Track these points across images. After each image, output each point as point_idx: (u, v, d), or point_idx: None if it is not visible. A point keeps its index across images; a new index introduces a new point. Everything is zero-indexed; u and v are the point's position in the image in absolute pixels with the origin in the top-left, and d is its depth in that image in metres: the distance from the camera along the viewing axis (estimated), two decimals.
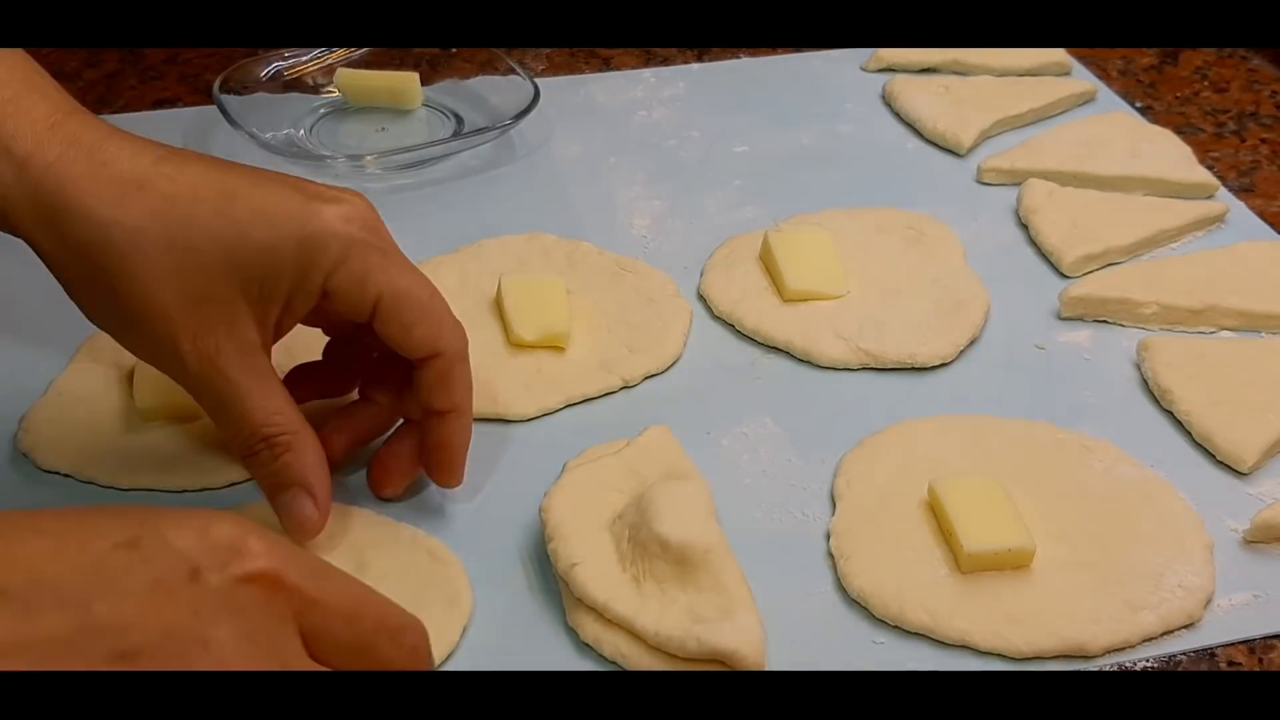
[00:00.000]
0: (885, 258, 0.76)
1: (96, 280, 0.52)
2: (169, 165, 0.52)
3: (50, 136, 0.51)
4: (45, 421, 0.63)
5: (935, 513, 0.59)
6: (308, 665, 0.40)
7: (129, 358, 0.59)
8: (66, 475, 0.61)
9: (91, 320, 0.54)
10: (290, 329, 0.56)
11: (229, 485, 0.61)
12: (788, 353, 0.70)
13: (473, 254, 0.76)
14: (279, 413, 0.54)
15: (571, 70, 0.97)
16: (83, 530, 0.39)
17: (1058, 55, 0.96)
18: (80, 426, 0.63)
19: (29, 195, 0.51)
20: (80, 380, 0.66)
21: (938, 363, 0.69)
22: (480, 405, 0.61)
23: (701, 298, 0.74)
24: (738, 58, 0.99)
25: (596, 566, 0.55)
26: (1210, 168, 0.85)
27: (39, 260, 0.53)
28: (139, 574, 0.38)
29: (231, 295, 0.52)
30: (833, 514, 0.60)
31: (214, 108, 0.84)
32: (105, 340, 0.56)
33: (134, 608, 0.37)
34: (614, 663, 0.53)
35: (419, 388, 0.56)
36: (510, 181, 0.84)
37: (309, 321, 0.57)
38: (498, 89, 0.89)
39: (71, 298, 0.54)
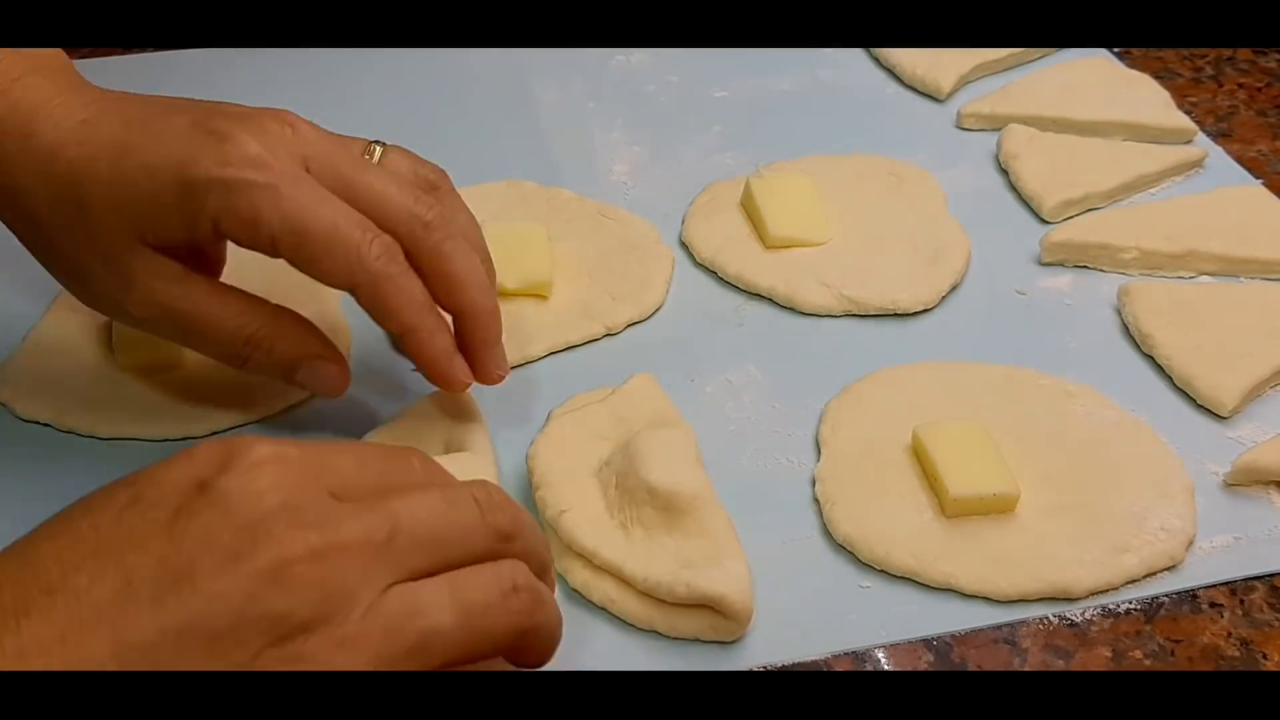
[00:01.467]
0: (867, 204, 0.76)
1: (37, 247, 0.56)
2: (88, 128, 0.54)
3: None
4: (23, 371, 0.63)
5: (919, 458, 0.60)
6: (342, 509, 0.40)
7: None
8: (46, 425, 0.61)
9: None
10: (220, 259, 0.59)
11: (211, 434, 0.61)
12: (770, 299, 0.70)
13: None
14: (242, 314, 0.55)
15: None
16: (83, 521, 0.39)
17: None
18: (59, 376, 0.63)
19: None
20: (58, 329, 0.65)
21: (920, 309, 0.69)
22: None
23: (683, 245, 0.74)
24: None
25: (584, 513, 0.55)
26: (1188, 112, 0.85)
27: None
28: (154, 515, 0.38)
29: (135, 245, 0.53)
30: (817, 460, 0.61)
31: None
32: None
33: (164, 541, 0.38)
34: (602, 608, 0.54)
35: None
36: (486, 128, 0.84)
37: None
38: None
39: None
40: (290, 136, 0.54)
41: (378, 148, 0.58)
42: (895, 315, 0.69)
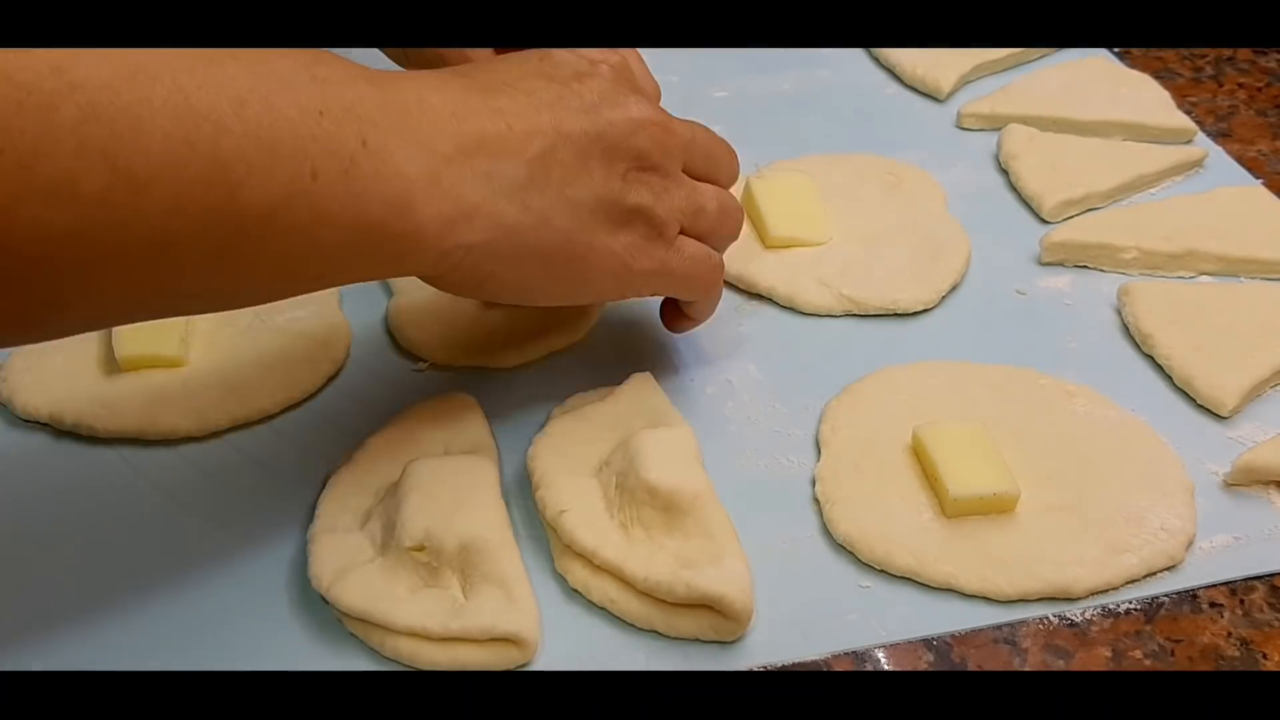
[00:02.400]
0: (867, 204, 0.76)
1: None
2: None
3: None
4: (22, 369, 0.63)
5: (919, 458, 0.59)
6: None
7: None
8: (45, 425, 0.61)
9: None
10: None
11: (210, 434, 0.61)
12: (770, 299, 0.70)
13: None
14: None
15: None
16: (509, 61, 0.57)
17: None
18: (58, 374, 0.62)
19: None
20: None
21: (920, 309, 0.69)
22: (463, 356, 0.64)
23: None
24: None
25: (584, 513, 0.55)
26: (1188, 112, 0.85)
27: None
28: (563, 73, 0.55)
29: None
30: (817, 460, 0.61)
31: None
32: None
33: (576, 84, 0.55)
34: (602, 608, 0.54)
35: None
36: None
37: None
38: None
39: None
40: None
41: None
42: (895, 315, 0.69)
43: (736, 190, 0.75)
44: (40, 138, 0.39)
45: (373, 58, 0.62)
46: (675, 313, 0.63)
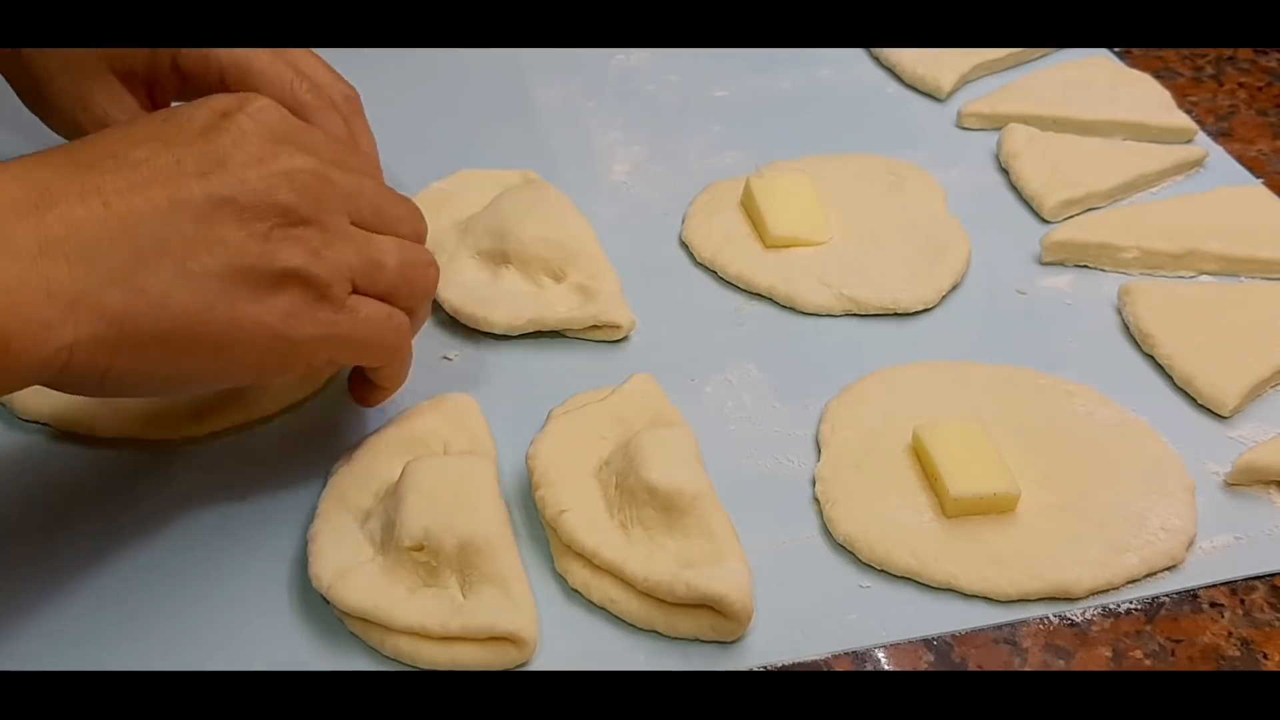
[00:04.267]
0: (867, 203, 0.76)
1: (12, 73, 0.65)
2: None
3: None
4: None
5: (920, 458, 0.59)
6: (328, 151, 0.53)
7: None
8: (45, 425, 0.61)
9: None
10: (166, 102, 0.66)
11: (210, 434, 0.61)
12: (770, 299, 0.70)
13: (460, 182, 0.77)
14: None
15: None
16: (127, 128, 0.50)
17: None
18: None
19: None
20: None
21: (920, 308, 0.69)
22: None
23: (683, 244, 0.74)
24: None
25: (584, 513, 0.55)
26: (1189, 112, 0.85)
27: None
28: (190, 127, 0.50)
29: (101, 69, 0.63)
30: (818, 460, 0.61)
31: None
32: None
33: (201, 141, 0.49)
34: (602, 608, 0.53)
35: None
36: (487, 128, 0.84)
37: None
38: None
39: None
40: None
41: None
42: (895, 315, 0.69)
43: (735, 190, 0.76)
44: None
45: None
46: (361, 381, 0.59)
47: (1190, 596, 0.56)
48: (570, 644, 0.53)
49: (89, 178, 0.47)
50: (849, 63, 0.91)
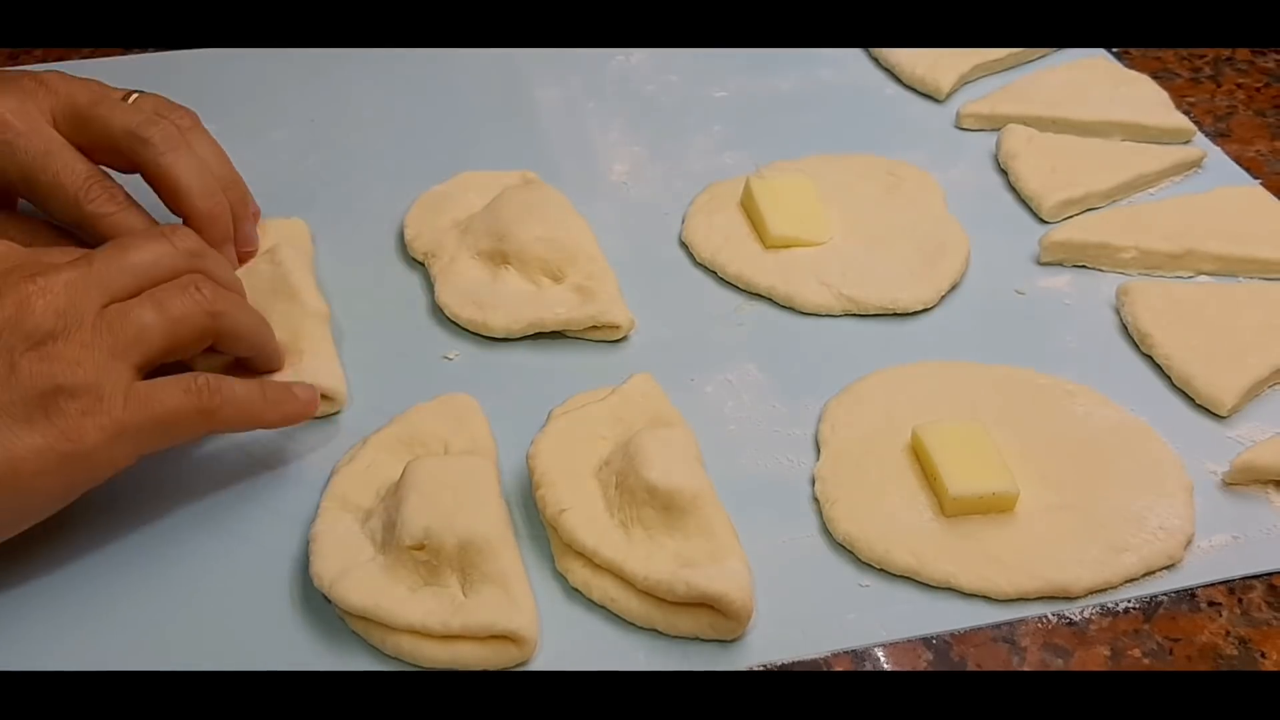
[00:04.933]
0: (866, 204, 0.76)
1: None
2: None
3: None
4: None
5: (919, 457, 0.60)
6: (54, 259, 0.53)
7: None
8: None
9: None
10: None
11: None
12: (770, 299, 0.70)
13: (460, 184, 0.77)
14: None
15: None
16: None
17: None
18: None
19: None
20: None
21: (919, 308, 0.70)
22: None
23: (683, 245, 0.74)
24: None
25: (584, 512, 0.55)
26: (1187, 113, 0.86)
27: None
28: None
29: None
30: (817, 459, 0.61)
31: None
32: None
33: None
34: (603, 607, 0.54)
35: None
36: (486, 128, 0.84)
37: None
38: None
39: None
40: (41, 93, 0.62)
41: (135, 94, 0.64)
42: (895, 315, 0.69)
43: (735, 190, 0.76)
44: None
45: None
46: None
47: (1188, 596, 0.56)
48: (570, 643, 0.53)
49: None
50: (848, 63, 0.91)
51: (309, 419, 0.59)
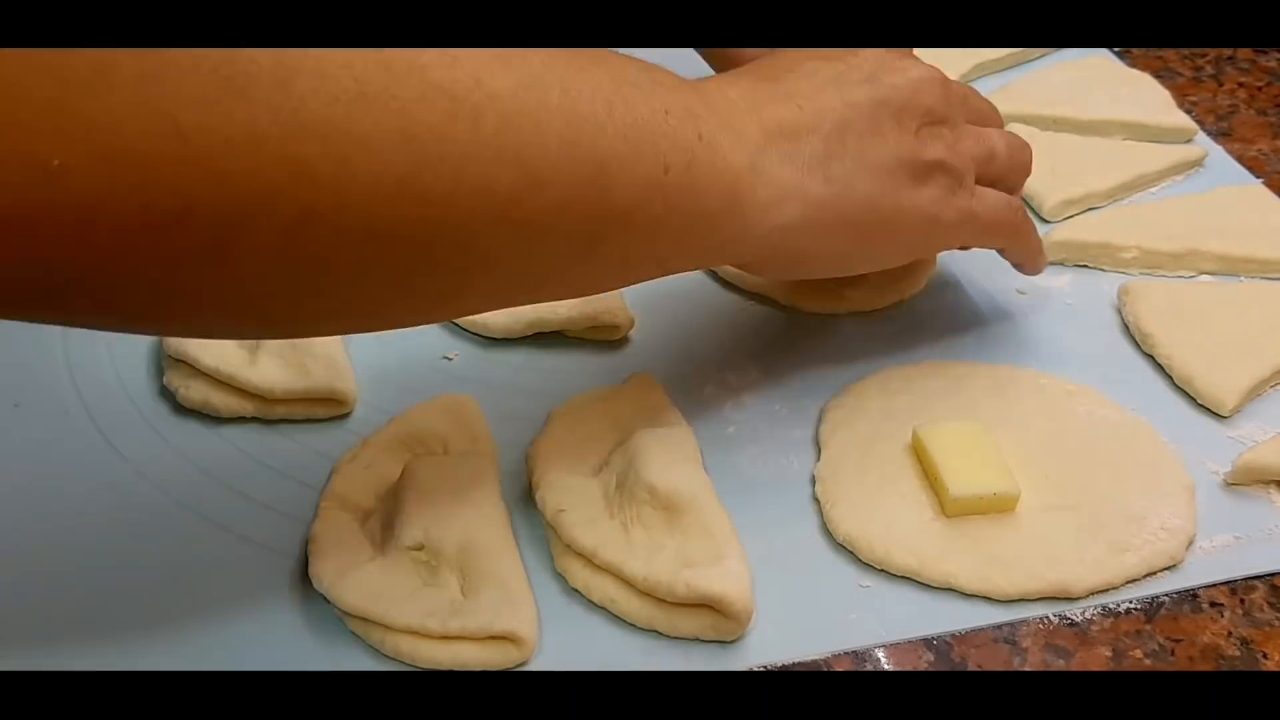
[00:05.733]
0: None
1: None
2: None
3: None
4: None
5: (919, 458, 0.60)
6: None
7: None
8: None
9: None
10: None
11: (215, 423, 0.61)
12: (770, 299, 0.70)
13: None
14: None
15: None
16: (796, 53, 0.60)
17: None
18: None
19: None
20: None
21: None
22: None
23: None
24: None
25: (584, 513, 0.55)
26: (1188, 112, 0.86)
27: None
28: (836, 51, 0.60)
29: None
30: (817, 460, 0.61)
31: None
32: None
33: (851, 58, 0.59)
34: (603, 607, 0.54)
35: None
36: None
37: None
38: None
39: None
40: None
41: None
42: (895, 315, 0.69)
43: None
44: (470, 144, 0.42)
45: None
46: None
47: (1190, 596, 0.56)
48: (570, 643, 0.53)
49: (780, 86, 0.55)
50: None
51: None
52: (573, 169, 0.45)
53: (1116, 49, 0.93)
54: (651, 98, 0.49)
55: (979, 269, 0.73)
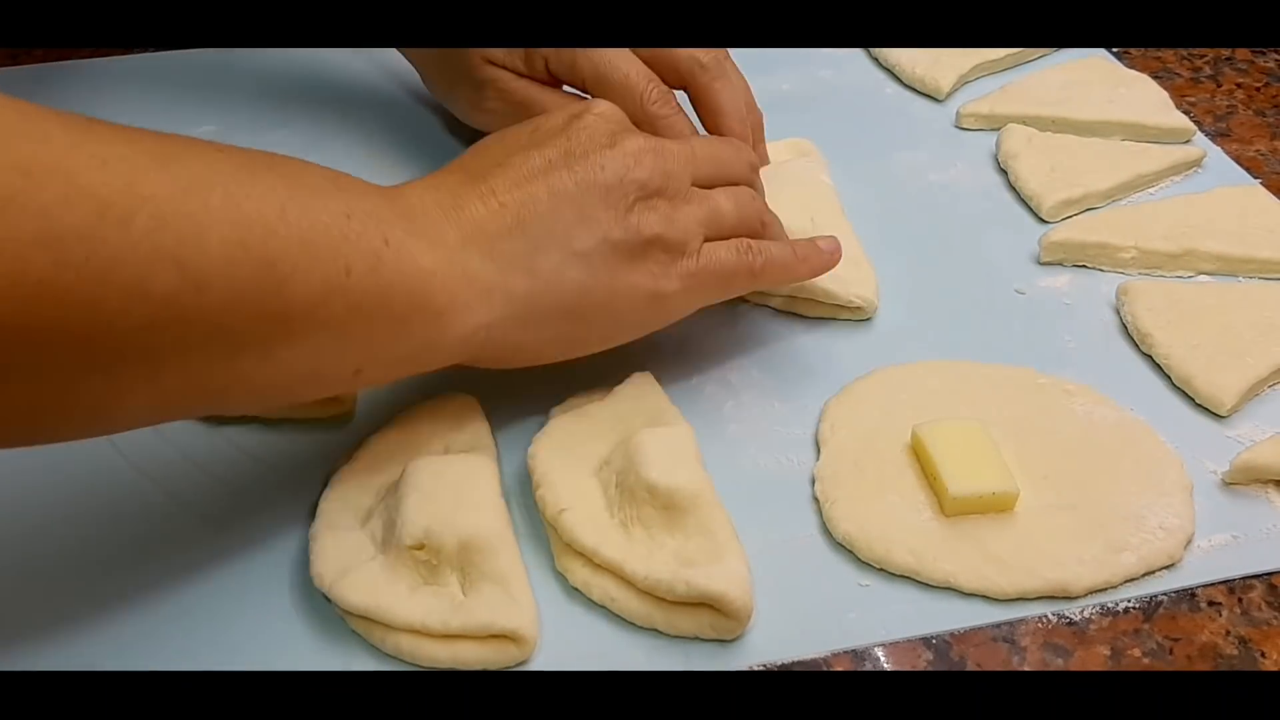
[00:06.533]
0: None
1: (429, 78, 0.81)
2: None
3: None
4: None
5: (919, 457, 0.60)
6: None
7: None
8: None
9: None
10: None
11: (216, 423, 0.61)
12: (770, 299, 0.70)
13: None
14: (566, 98, 0.72)
15: None
16: (499, 139, 0.59)
17: None
18: None
19: None
20: None
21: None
22: None
23: None
24: None
25: (584, 512, 0.55)
26: (1187, 112, 0.86)
27: None
28: (549, 128, 0.58)
29: (485, 64, 0.73)
30: (817, 459, 0.61)
31: None
32: None
33: (563, 140, 0.57)
34: (603, 606, 0.54)
35: None
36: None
37: None
38: None
39: None
40: None
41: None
42: (895, 315, 0.69)
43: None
44: (120, 245, 0.42)
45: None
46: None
47: (1188, 595, 0.56)
48: (570, 642, 0.53)
49: (483, 183, 0.55)
50: (848, 63, 0.91)
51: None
52: (237, 270, 0.45)
53: (1115, 49, 0.93)
54: (332, 202, 0.49)
55: (979, 269, 0.73)
